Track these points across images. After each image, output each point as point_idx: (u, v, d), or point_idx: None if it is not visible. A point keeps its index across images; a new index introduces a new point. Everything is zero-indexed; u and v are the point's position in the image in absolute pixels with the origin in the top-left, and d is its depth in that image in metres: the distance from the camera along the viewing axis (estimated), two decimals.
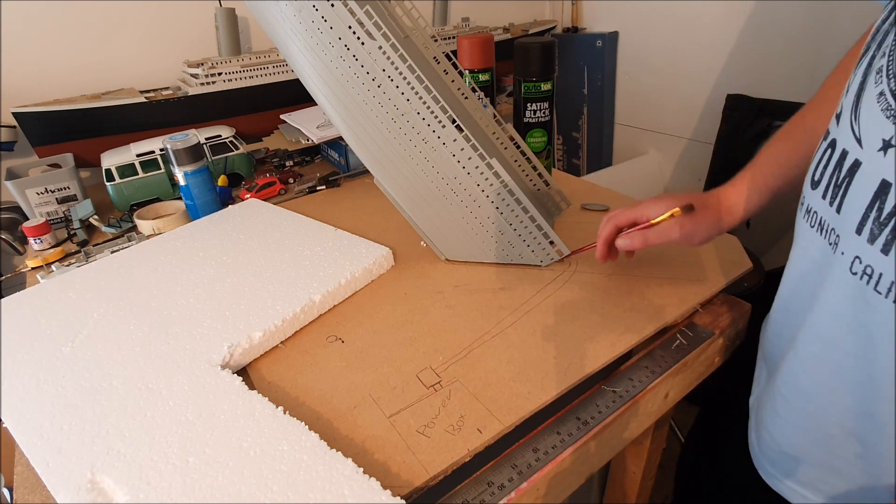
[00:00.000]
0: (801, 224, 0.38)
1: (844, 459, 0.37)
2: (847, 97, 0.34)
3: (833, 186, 0.34)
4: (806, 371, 0.38)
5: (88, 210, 0.80)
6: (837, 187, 0.33)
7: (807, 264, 0.38)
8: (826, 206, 0.34)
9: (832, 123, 0.35)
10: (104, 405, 0.42)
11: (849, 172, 0.32)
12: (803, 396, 0.39)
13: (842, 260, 0.32)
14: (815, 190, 0.36)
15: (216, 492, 0.34)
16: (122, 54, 0.99)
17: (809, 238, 0.37)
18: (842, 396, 0.35)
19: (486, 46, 0.82)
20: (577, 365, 0.46)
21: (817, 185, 0.36)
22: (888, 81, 0.30)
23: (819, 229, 0.35)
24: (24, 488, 0.38)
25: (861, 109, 0.32)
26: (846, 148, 0.33)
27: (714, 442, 0.62)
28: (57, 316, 0.54)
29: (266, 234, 0.68)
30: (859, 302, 0.31)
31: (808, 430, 0.39)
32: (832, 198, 0.34)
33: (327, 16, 0.49)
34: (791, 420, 0.41)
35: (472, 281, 0.59)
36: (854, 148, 0.32)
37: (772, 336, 0.46)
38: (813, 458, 0.40)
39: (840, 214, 0.33)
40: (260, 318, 0.51)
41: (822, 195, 0.35)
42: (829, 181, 0.34)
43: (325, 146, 1.00)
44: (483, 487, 0.38)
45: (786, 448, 0.42)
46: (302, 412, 0.42)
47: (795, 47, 1.08)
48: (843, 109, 0.34)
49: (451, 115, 0.53)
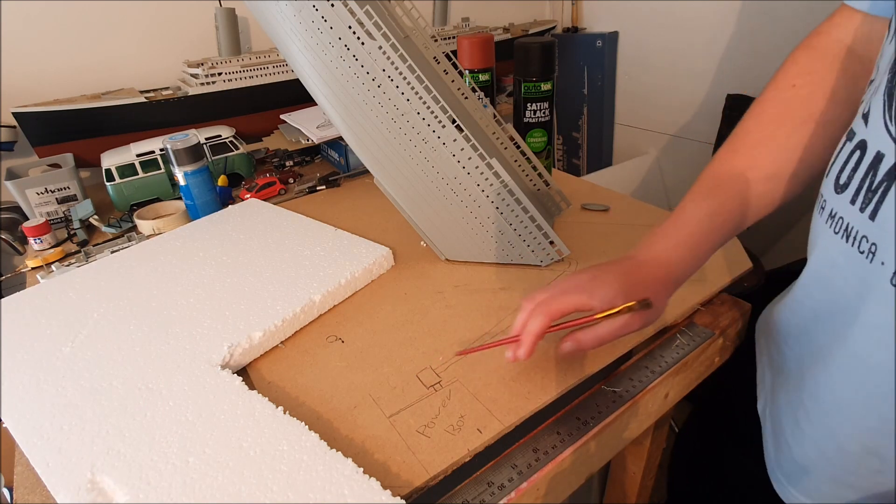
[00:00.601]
0: (823, 229, 0.36)
1: (861, 476, 0.36)
2: (875, 96, 0.32)
3: (866, 191, 0.32)
4: (833, 386, 0.36)
5: (88, 210, 0.80)
6: (871, 192, 0.31)
7: (830, 270, 0.36)
8: (856, 213, 0.32)
9: (858, 124, 0.34)
10: (104, 405, 0.42)
11: (886, 176, 0.30)
12: (827, 411, 0.37)
13: (882, 271, 0.30)
14: (841, 194, 0.34)
15: (216, 492, 0.34)
16: (122, 54, 0.99)
17: (833, 244, 0.35)
18: (866, 413, 0.34)
19: (486, 46, 0.82)
20: (577, 365, 0.46)
21: (843, 188, 0.34)
22: None
23: (845, 236, 0.33)
24: (24, 488, 0.38)
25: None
26: (881, 150, 0.31)
27: (713, 441, 0.62)
28: (57, 316, 0.54)
29: (266, 234, 0.68)
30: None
31: (828, 446, 0.38)
32: (864, 203, 0.32)
33: (327, 16, 0.49)
34: (812, 434, 0.39)
35: (472, 281, 0.59)
36: (891, 150, 0.30)
37: (793, 344, 0.43)
38: (829, 474, 0.39)
39: (875, 222, 0.31)
40: (260, 318, 0.51)
41: (851, 201, 0.33)
42: (859, 185, 0.32)
43: (325, 146, 1.00)
44: (483, 487, 0.38)
45: (802, 461, 0.41)
46: (302, 412, 0.42)
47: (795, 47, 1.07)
48: (871, 109, 0.32)
49: (451, 115, 0.53)
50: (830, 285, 0.36)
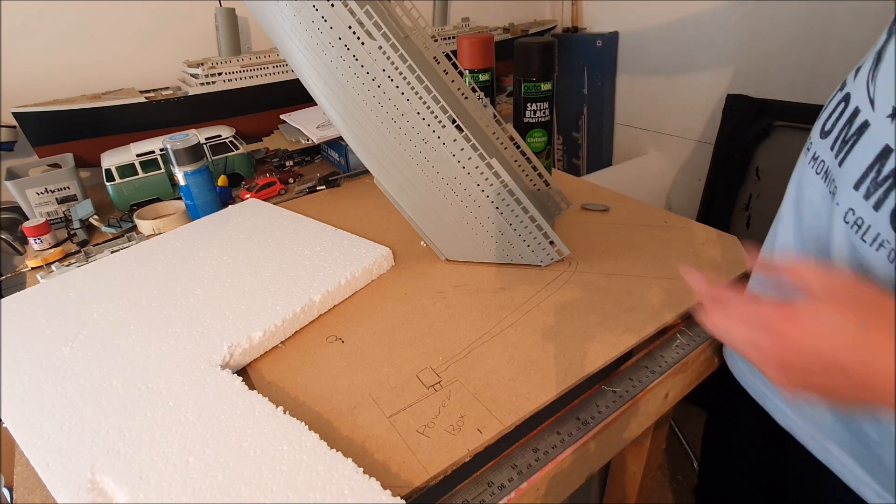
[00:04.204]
0: (807, 168, 0.40)
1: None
2: (871, 52, 0.34)
3: (841, 141, 0.35)
4: None
5: (88, 210, 0.80)
6: (845, 143, 0.35)
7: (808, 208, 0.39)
8: (832, 158, 0.36)
9: (850, 75, 0.37)
10: (104, 405, 0.42)
11: (857, 132, 0.33)
12: None
13: (837, 210, 0.35)
14: (825, 139, 0.37)
15: (216, 492, 0.34)
16: (122, 54, 0.99)
17: (813, 182, 0.38)
18: None
19: (486, 46, 0.82)
20: (577, 365, 0.46)
21: (827, 135, 0.37)
22: None
23: (824, 177, 0.37)
24: (24, 488, 0.38)
25: (879, 72, 0.33)
26: (859, 106, 0.34)
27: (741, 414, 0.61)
28: (57, 316, 0.54)
29: (266, 234, 0.68)
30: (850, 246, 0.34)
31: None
32: (838, 152, 0.35)
33: (327, 16, 0.49)
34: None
35: (472, 281, 0.59)
36: (867, 109, 0.33)
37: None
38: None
39: (841, 168, 0.34)
40: (260, 318, 0.51)
41: (831, 147, 0.36)
42: (838, 135, 0.36)
43: (325, 146, 1.00)
44: (483, 487, 0.38)
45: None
46: (302, 412, 0.42)
47: (795, 47, 1.07)
48: (863, 64, 0.35)
49: (451, 115, 0.53)
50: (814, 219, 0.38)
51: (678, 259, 0.60)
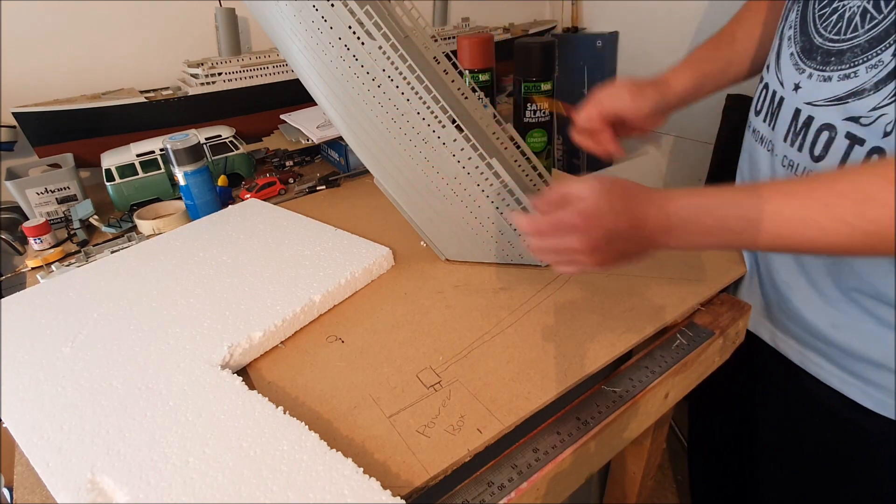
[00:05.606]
0: (750, 139, 0.57)
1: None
2: (772, 54, 0.52)
3: (769, 114, 0.52)
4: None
5: (88, 210, 0.80)
6: (771, 114, 0.51)
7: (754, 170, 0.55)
8: (766, 127, 0.52)
9: (765, 72, 0.54)
10: (104, 405, 0.42)
11: (778, 105, 0.50)
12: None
13: (776, 160, 0.50)
14: (758, 116, 0.54)
15: (216, 492, 0.34)
16: (122, 54, 0.99)
17: (757, 148, 0.55)
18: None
19: (486, 46, 0.82)
20: (577, 365, 0.46)
21: (759, 112, 0.54)
22: (794, 46, 0.48)
23: (761, 142, 0.54)
24: (24, 488, 0.38)
25: (781, 63, 0.50)
26: (775, 89, 0.51)
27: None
28: (57, 316, 0.54)
29: (266, 234, 0.68)
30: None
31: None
32: (769, 121, 0.52)
33: (327, 16, 0.48)
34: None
35: (472, 281, 0.59)
36: (779, 89, 0.50)
37: None
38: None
39: (774, 131, 0.51)
40: (260, 318, 0.51)
41: (764, 119, 0.53)
42: (766, 110, 0.52)
43: (325, 146, 1.00)
44: (483, 487, 0.38)
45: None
46: (302, 412, 0.42)
47: None
48: (770, 62, 0.53)
49: (451, 115, 0.53)
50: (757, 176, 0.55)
51: (678, 259, 0.60)
